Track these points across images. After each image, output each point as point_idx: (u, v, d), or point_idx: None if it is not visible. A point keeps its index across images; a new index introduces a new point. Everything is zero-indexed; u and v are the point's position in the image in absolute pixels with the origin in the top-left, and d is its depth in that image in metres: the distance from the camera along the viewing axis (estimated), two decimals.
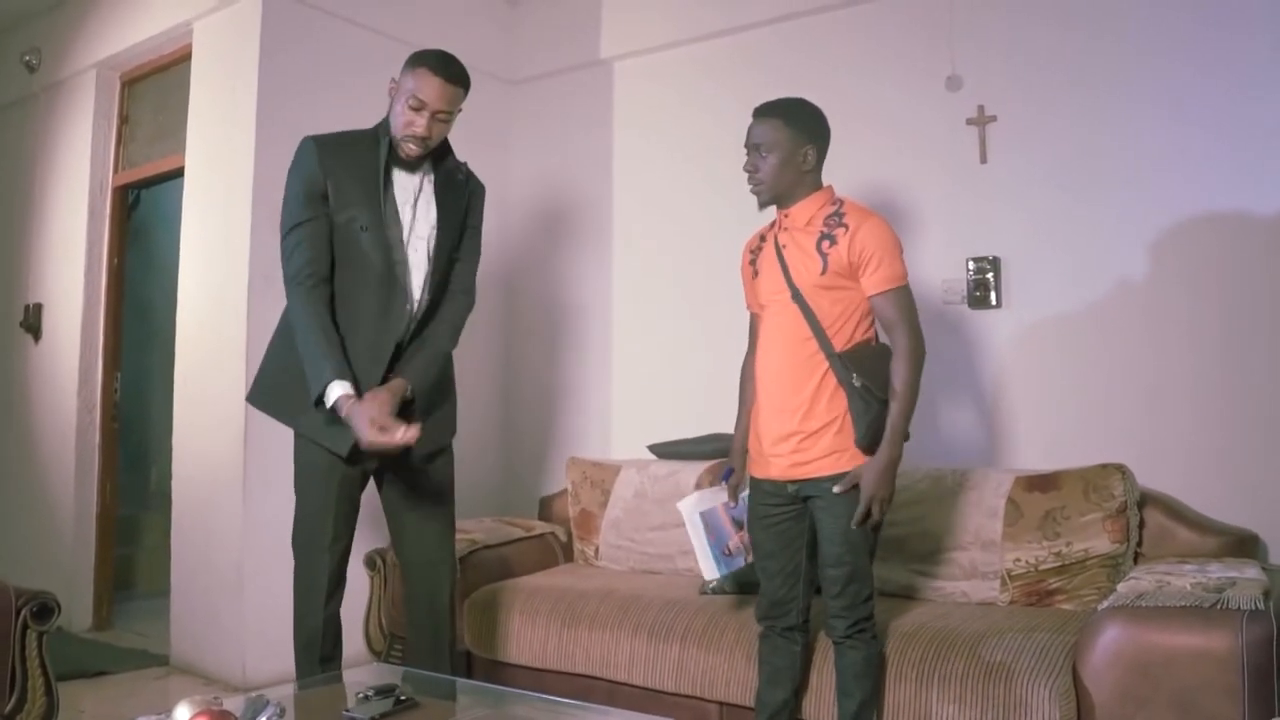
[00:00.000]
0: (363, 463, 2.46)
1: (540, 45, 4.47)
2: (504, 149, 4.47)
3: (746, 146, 2.38)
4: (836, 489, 2.22)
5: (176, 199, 3.98)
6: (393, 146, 2.45)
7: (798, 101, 2.39)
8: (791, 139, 2.32)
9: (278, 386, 2.49)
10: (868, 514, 2.21)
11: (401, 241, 2.46)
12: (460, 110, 2.51)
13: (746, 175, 2.38)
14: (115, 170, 4.40)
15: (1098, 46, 3.16)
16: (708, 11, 3.96)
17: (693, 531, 2.54)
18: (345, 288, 2.43)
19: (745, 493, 2.54)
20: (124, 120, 4.43)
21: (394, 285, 2.44)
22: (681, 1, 4.04)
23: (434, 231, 2.50)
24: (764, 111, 2.37)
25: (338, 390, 2.29)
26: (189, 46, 3.91)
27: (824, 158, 2.39)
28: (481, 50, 4.39)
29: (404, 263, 2.46)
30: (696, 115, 4.01)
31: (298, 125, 3.45)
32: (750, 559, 2.53)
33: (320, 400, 2.32)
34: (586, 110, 4.34)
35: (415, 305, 2.48)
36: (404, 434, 2.24)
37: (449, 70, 2.42)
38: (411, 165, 2.49)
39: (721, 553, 2.54)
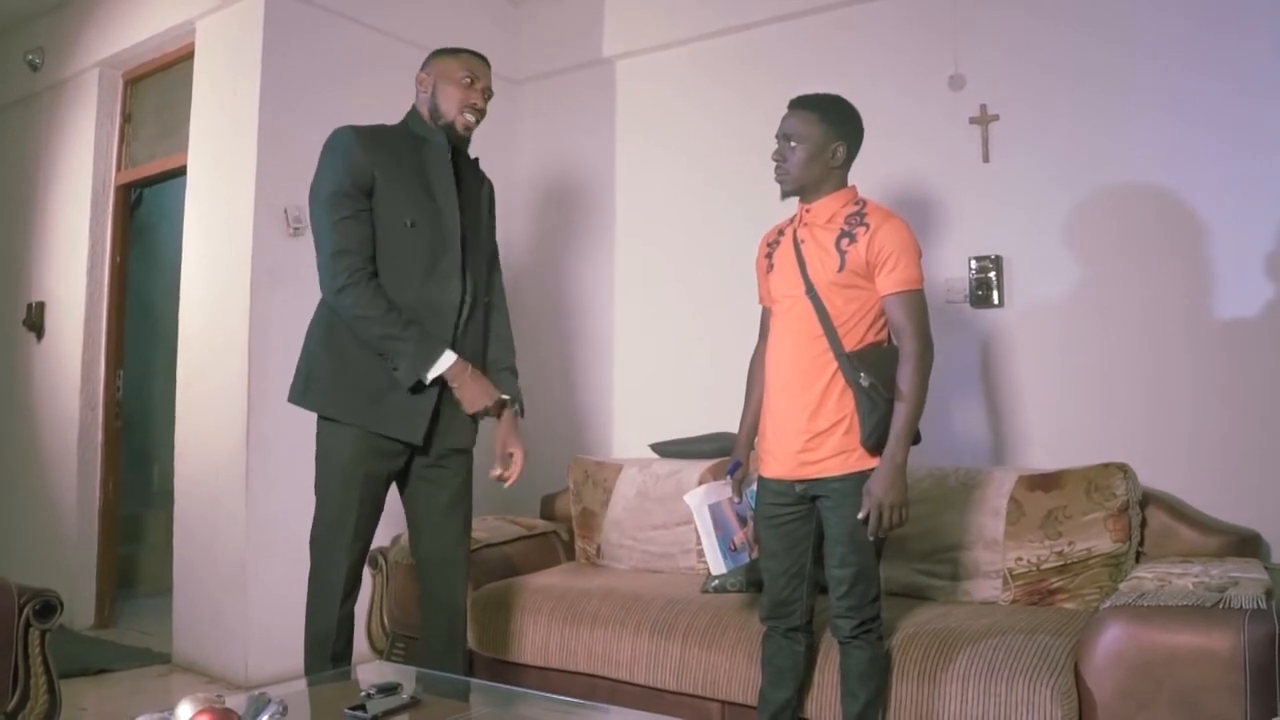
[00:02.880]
0: (392, 455, 2.48)
1: (543, 45, 4.48)
2: (507, 148, 4.47)
3: (777, 136, 2.37)
4: (860, 515, 2.20)
5: (179, 197, 3.99)
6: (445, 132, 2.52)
7: (834, 98, 2.38)
8: (823, 133, 2.31)
9: (333, 387, 2.44)
10: (880, 521, 2.19)
11: (449, 234, 2.48)
12: None
13: (774, 164, 2.36)
14: (118, 169, 4.41)
15: (1100, 46, 3.16)
16: (710, 11, 3.96)
17: (701, 525, 2.52)
18: (390, 282, 2.41)
19: (750, 489, 2.54)
20: (127, 119, 4.44)
21: (440, 281, 2.45)
22: (683, 1, 4.04)
23: (459, 224, 2.51)
24: (799, 104, 2.36)
25: (451, 357, 2.40)
26: (191, 45, 3.91)
27: (854, 157, 2.38)
28: (484, 49, 4.30)
29: (453, 255, 2.48)
30: (699, 114, 4.02)
31: (300, 124, 3.48)
32: (755, 555, 2.53)
33: (421, 378, 2.38)
34: (589, 109, 4.35)
35: (455, 299, 2.49)
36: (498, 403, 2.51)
37: (484, 57, 2.61)
38: (446, 157, 2.52)
39: (727, 547, 2.53)
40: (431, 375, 2.38)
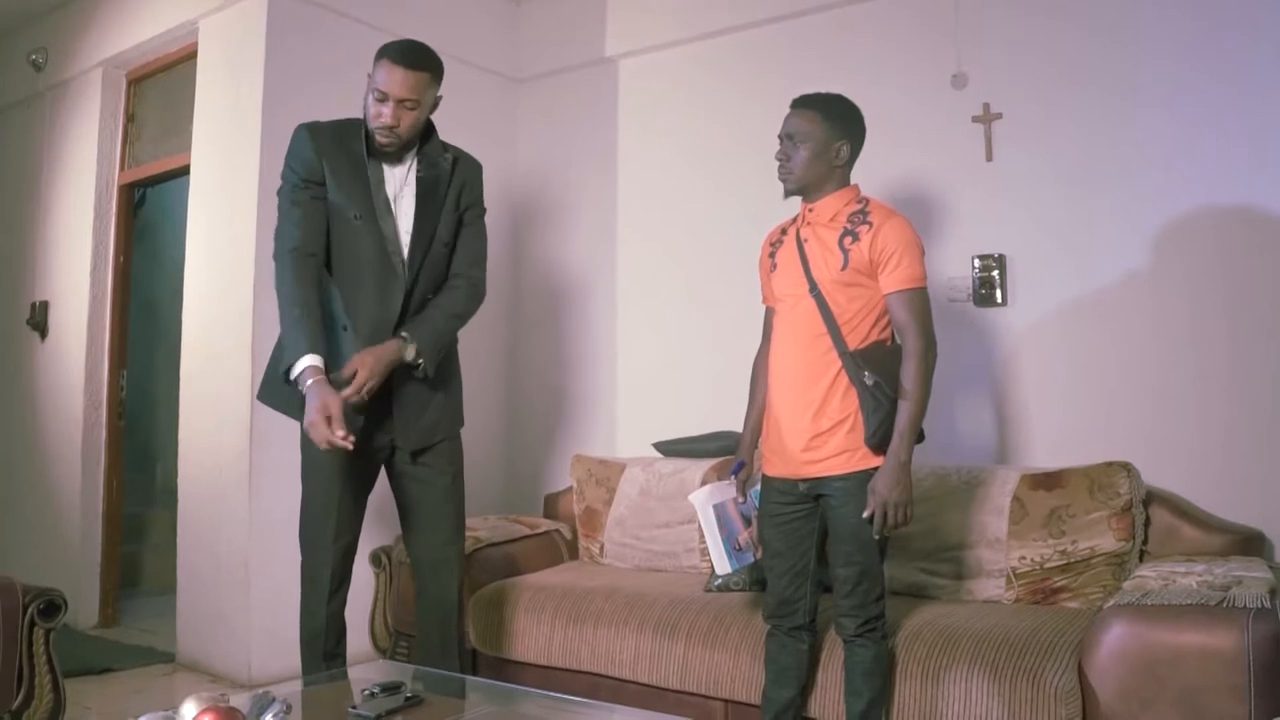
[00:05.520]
0: (371, 453, 2.46)
1: (545, 43, 4.48)
2: (509, 147, 4.48)
3: (780, 135, 2.38)
4: (865, 515, 2.21)
5: (182, 197, 4.00)
6: (369, 139, 2.48)
7: (836, 97, 2.39)
8: (826, 132, 2.32)
9: (285, 384, 2.46)
10: (885, 520, 2.19)
11: (395, 233, 2.48)
12: (439, 98, 2.52)
13: (778, 164, 2.37)
14: (121, 168, 4.41)
15: (1103, 44, 3.16)
16: (712, 9, 3.95)
17: (706, 525, 2.53)
18: (343, 276, 2.44)
19: (754, 488, 2.54)
20: (130, 118, 4.44)
21: (391, 275, 2.45)
22: (686, 0, 4.04)
23: (413, 224, 2.50)
24: (802, 103, 2.37)
25: (307, 361, 2.27)
26: (195, 45, 3.92)
27: (856, 156, 2.39)
28: (486, 48, 4.39)
29: (399, 254, 2.47)
30: (701, 113, 4.01)
31: (303, 123, 3.48)
32: (759, 555, 2.53)
33: (288, 374, 2.31)
34: (591, 108, 4.35)
35: (410, 298, 2.49)
36: (341, 436, 2.20)
37: (409, 58, 2.42)
38: (395, 158, 2.50)
39: (732, 547, 2.54)
40: (291, 372, 2.29)
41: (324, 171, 2.43)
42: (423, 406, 2.51)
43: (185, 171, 3.97)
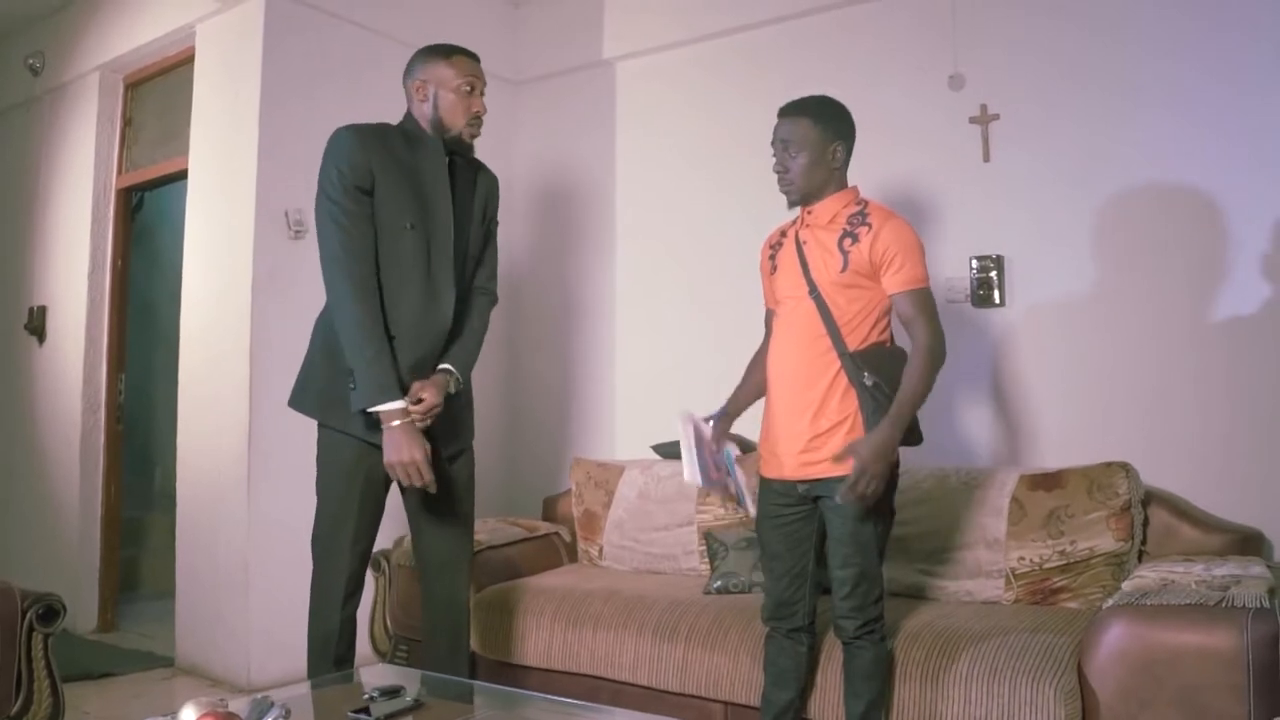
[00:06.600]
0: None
1: (543, 46, 4.48)
2: (507, 149, 4.47)
3: (774, 145, 2.37)
4: (838, 498, 2.19)
5: (180, 201, 3.99)
6: (417, 141, 2.46)
7: (824, 99, 2.39)
8: (821, 137, 2.32)
9: (329, 393, 2.41)
10: (856, 485, 2.14)
11: (448, 241, 2.44)
12: None
13: (776, 175, 2.36)
14: (119, 172, 4.41)
15: (1101, 45, 3.16)
16: (710, 11, 3.96)
17: (684, 437, 2.44)
18: (390, 283, 2.37)
19: (729, 450, 2.51)
20: (127, 123, 4.44)
21: (434, 290, 2.42)
22: (684, 2, 4.04)
23: (452, 232, 2.47)
24: (791, 110, 2.37)
25: (401, 404, 2.30)
26: (192, 49, 3.92)
27: (850, 155, 2.39)
28: (485, 51, 4.31)
29: (444, 264, 2.43)
30: (700, 115, 4.02)
31: (301, 127, 3.48)
32: (739, 510, 2.48)
33: (365, 409, 2.30)
34: (590, 111, 4.35)
35: (449, 312, 2.46)
36: (430, 479, 2.32)
37: (469, 51, 2.55)
38: (436, 164, 2.47)
39: (708, 471, 2.45)
40: (375, 409, 2.30)
41: (372, 175, 2.36)
42: (451, 417, 2.51)
43: (183, 175, 3.97)
